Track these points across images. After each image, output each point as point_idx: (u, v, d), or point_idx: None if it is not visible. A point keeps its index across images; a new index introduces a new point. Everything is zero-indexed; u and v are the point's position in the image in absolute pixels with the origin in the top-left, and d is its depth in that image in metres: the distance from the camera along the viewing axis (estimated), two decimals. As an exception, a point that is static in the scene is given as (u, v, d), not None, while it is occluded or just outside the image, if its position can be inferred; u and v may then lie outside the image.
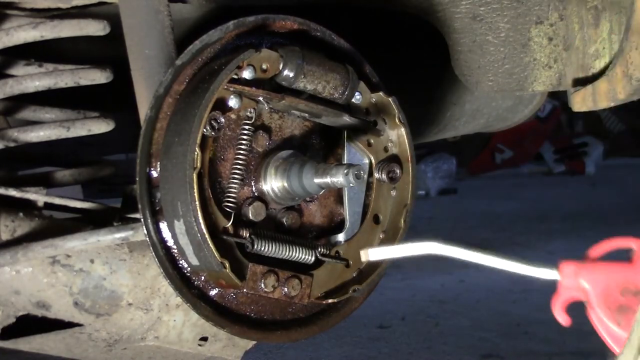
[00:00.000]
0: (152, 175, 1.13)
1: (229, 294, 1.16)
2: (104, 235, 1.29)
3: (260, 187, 1.17)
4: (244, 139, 1.14)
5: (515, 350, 3.35)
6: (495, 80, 1.52)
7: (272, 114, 1.20)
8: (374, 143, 1.26)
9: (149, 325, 1.42)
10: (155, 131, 1.13)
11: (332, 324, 1.27)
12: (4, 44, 1.39)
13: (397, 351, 3.60)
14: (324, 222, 1.26)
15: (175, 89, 1.14)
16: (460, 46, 1.51)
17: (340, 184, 1.11)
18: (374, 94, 1.24)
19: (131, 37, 1.26)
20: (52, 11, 1.43)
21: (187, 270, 1.14)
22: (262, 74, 1.13)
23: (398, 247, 1.13)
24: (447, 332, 3.79)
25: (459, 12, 1.46)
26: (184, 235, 1.09)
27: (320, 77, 1.16)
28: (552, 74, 1.50)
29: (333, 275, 1.21)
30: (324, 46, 1.24)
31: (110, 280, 1.38)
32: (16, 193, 1.38)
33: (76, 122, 1.46)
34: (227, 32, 1.16)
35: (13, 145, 1.44)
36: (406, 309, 4.22)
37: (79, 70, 1.45)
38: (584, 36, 1.46)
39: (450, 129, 2.12)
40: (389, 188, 1.27)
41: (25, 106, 1.53)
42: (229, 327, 1.16)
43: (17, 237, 1.34)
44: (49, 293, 1.36)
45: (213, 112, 1.09)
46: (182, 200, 1.07)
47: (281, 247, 1.16)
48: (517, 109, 2.10)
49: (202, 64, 1.15)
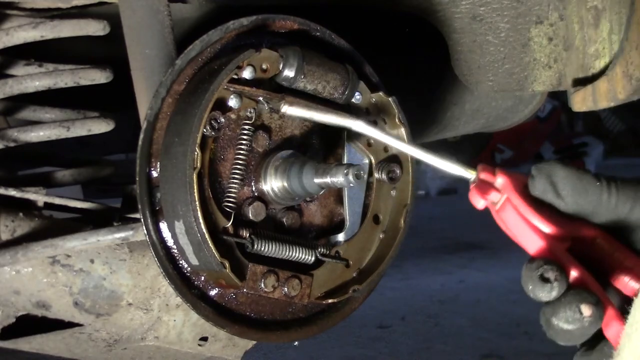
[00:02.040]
0: (152, 175, 1.13)
1: (229, 294, 1.16)
2: (104, 235, 1.29)
3: (260, 187, 1.17)
4: (244, 139, 1.14)
5: (515, 350, 3.35)
6: (495, 80, 1.52)
7: (272, 114, 1.20)
8: (374, 143, 1.26)
9: (149, 325, 1.42)
10: (155, 131, 1.13)
11: (332, 324, 1.27)
12: (4, 44, 1.39)
13: (397, 351, 3.60)
14: (324, 222, 1.26)
15: (175, 89, 1.14)
16: (460, 46, 1.51)
17: (340, 184, 1.11)
18: (374, 94, 1.24)
19: (131, 37, 1.26)
20: (52, 11, 1.43)
21: (187, 270, 1.14)
22: (262, 74, 1.13)
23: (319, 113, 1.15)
24: (447, 332, 3.79)
25: (459, 12, 1.46)
26: (184, 235, 1.09)
27: (320, 77, 1.16)
28: (552, 74, 1.50)
29: (333, 275, 1.21)
30: (324, 46, 1.24)
31: (110, 280, 1.38)
32: (16, 193, 1.38)
33: (76, 122, 1.46)
34: (227, 32, 1.16)
35: (13, 145, 1.44)
36: (406, 309, 4.22)
37: (79, 70, 1.45)
38: (584, 36, 1.46)
39: (450, 129, 2.12)
40: (389, 188, 1.27)
41: (25, 106, 1.53)
42: (229, 327, 1.16)
43: (17, 237, 1.34)
44: (49, 293, 1.36)
45: (213, 112, 1.09)
46: (182, 200, 1.06)
47: (281, 247, 1.15)
48: (517, 109, 2.10)
49: (202, 64, 1.15)
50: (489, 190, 1.04)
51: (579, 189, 0.96)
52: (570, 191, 0.97)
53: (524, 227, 0.99)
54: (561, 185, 0.97)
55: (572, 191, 0.97)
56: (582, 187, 0.96)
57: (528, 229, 0.99)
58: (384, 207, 1.27)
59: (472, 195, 1.06)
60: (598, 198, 0.96)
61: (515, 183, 1.02)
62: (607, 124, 9.36)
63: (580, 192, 0.96)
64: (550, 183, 0.97)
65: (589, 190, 0.96)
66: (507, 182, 1.02)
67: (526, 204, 0.99)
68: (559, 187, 0.97)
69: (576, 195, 0.96)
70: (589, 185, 0.96)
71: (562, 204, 0.98)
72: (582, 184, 0.96)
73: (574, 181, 0.96)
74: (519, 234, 1.00)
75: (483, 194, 1.04)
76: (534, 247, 0.99)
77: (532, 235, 0.98)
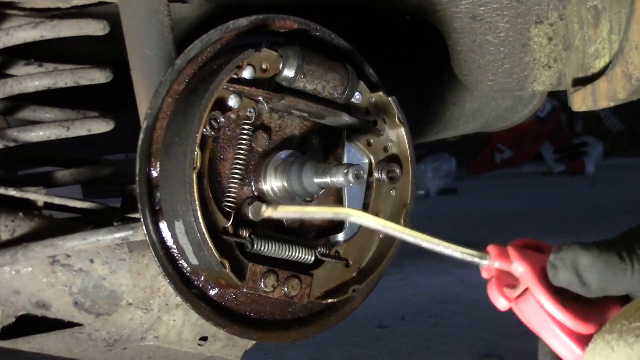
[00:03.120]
0: (152, 175, 1.13)
1: (229, 294, 1.16)
2: (104, 235, 1.29)
3: (260, 187, 1.17)
4: (244, 139, 1.14)
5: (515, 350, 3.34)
6: (495, 80, 1.52)
7: (272, 114, 1.20)
8: (374, 143, 1.26)
9: (149, 325, 1.42)
10: (155, 131, 1.13)
11: (332, 324, 1.27)
12: (4, 44, 1.39)
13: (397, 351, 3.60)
14: (324, 222, 1.26)
15: (175, 89, 1.14)
16: (460, 46, 1.51)
17: (340, 184, 1.11)
18: (374, 94, 1.24)
19: (131, 37, 1.26)
20: (52, 11, 1.43)
21: (187, 270, 1.14)
22: (262, 74, 1.13)
23: (311, 208, 1.07)
24: (447, 332, 3.79)
25: (459, 12, 1.46)
26: (184, 235, 1.09)
27: (320, 77, 1.16)
28: (552, 74, 1.50)
29: (333, 275, 1.21)
30: (324, 46, 1.24)
31: (110, 280, 1.38)
32: (16, 193, 1.38)
33: (76, 122, 1.46)
34: (227, 32, 1.16)
35: (13, 145, 1.44)
36: (406, 308, 4.22)
37: (79, 70, 1.45)
38: (584, 36, 1.46)
39: (450, 129, 2.12)
40: (389, 188, 1.27)
41: (25, 106, 1.53)
42: (229, 327, 1.16)
43: (17, 237, 1.34)
44: (49, 293, 1.36)
45: (213, 112, 1.09)
46: (182, 200, 1.06)
47: (281, 247, 1.15)
48: (517, 109, 2.10)
49: (202, 64, 1.15)
50: (508, 282, 0.95)
51: (607, 277, 0.89)
52: (596, 280, 0.89)
53: (548, 323, 0.91)
54: (587, 275, 0.89)
55: (598, 279, 0.89)
56: (610, 273, 0.89)
57: (553, 326, 0.90)
58: (384, 207, 1.27)
59: (491, 293, 0.97)
60: (624, 279, 0.89)
61: (535, 269, 0.92)
62: (607, 124, 9.36)
63: (608, 280, 0.89)
64: (575, 274, 0.89)
65: (617, 274, 0.89)
66: (528, 271, 0.92)
67: (549, 295, 0.91)
68: (585, 277, 0.89)
69: (604, 283, 0.89)
70: (615, 269, 0.89)
71: (589, 293, 0.90)
72: (609, 270, 0.89)
73: (601, 269, 0.89)
74: (543, 329, 0.92)
75: (503, 291, 0.95)
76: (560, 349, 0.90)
77: (557, 334, 0.90)
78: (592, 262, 0.89)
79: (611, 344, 0.80)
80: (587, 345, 0.89)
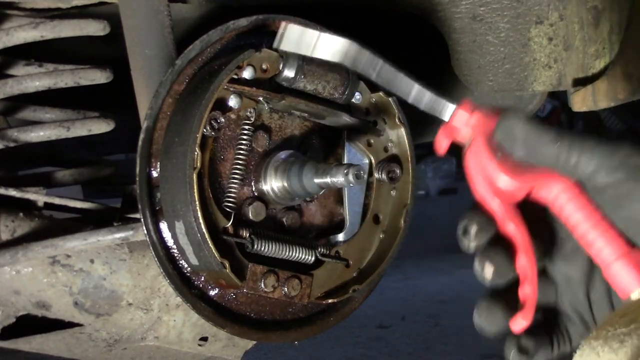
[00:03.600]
0: (152, 175, 1.13)
1: (229, 294, 1.16)
2: (104, 235, 1.29)
3: (260, 187, 1.17)
4: (244, 139, 1.14)
5: (515, 350, 3.34)
6: (495, 80, 1.52)
7: (272, 114, 1.20)
8: (374, 143, 1.26)
9: (149, 325, 1.42)
10: (155, 131, 1.13)
11: (332, 324, 1.27)
12: (4, 44, 1.39)
13: (397, 351, 3.60)
14: (324, 222, 1.26)
15: (175, 89, 1.14)
16: (460, 46, 1.51)
17: (340, 184, 1.11)
18: (374, 94, 1.24)
19: (131, 37, 1.26)
20: (52, 11, 1.43)
21: (187, 270, 1.14)
22: (262, 74, 1.13)
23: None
24: (447, 332, 3.80)
25: (459, 12, 1.46)
26: (184, 235, 1.09)
27: (320, 77, 1.16)
28: (552, 74, 1.50)
29: (333, 275, 1.21)
30: (324, 46, 1.24)
31: (110, 280, 1.38)
32: (16, 193, 1.38)
33: (76, 122, 1.46)
34: (227, 32, 1.16)
35: (13, 145, 1.44)
36: (406, 308, 4.22)
37: (79, 70, 1.45)
38: (584, 36, 1.46)
39: (450, 129, 2.12)
40: (389, 188, 1.27)
41: (25, 106, 1.53)
42: (229, 327, 1.16)
43: (17, 237, 1.34)
44: (49, 293, 1.36)
45: (213, 112, 1.09)
46: (182, 200, 1.07)
47: (281, 247, 1.15)
48: (517, 109, 2.10)
49: (202, 64, 1.15)
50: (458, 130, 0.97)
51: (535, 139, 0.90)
52: (524, 148, 0.90)
53: (479, 173, 0.92)
54: (518, 141, 0.91)
55: (525, 138, 0.90)
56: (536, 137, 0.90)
57: (481, 176, 0.92)
58: (384, 207, 1.27)
59: (438, 137, 0.99)
60: (550, 147, 0.89)
61: (487, 125, 0.94)
62: (607, 124, 9.35)
63: (535, 141, 0.90)
64: (510, 130, 0.91)
65: (543, 139, 0.90)
66: (480, 123, 0.94)
67: (487, 148, 0.92)
68: (516, 143, 0.91)
69: (531, 142, 0.90)
70: (543, 134, 0.90)
71: (517, 150, 0.91)
72: (537, 134, 0.90)
73: (529, 130, 0.90)
74: (473, 179, 0.93)
75: (450, 134, 0.97)
76: (478, 196, 0.92)
77: (482, 183, 0.92)
78: (525, 130, 0.91)
79: (596, 349, 0.82)
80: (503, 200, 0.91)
